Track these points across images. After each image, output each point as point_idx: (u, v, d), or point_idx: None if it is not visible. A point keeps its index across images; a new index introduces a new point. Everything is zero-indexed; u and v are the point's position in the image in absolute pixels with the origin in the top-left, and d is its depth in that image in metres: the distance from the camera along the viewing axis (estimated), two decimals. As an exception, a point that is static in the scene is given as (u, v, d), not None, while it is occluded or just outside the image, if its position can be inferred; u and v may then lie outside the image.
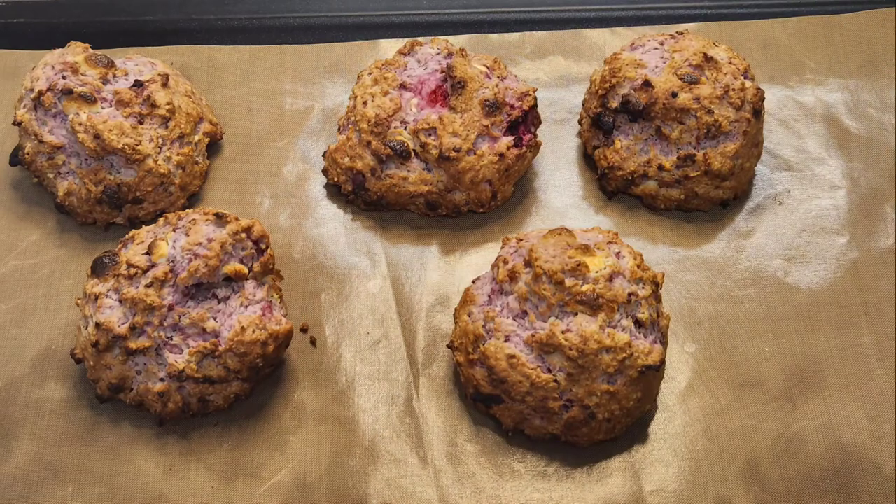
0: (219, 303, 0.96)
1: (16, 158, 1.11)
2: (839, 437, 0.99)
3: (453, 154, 1.07)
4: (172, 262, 0.95)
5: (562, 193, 1.16)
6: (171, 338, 0.94)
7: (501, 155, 1.08)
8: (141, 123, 1.08)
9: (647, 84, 1.09)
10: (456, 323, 1.00)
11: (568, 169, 1.18)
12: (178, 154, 1.10)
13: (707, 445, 0.99)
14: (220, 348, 0.94)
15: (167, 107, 1.09)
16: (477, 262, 1.11)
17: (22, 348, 1.04)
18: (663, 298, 1.05)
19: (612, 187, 1.14)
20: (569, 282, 0.92)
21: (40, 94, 1.06)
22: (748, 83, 1.11)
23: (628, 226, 1.13)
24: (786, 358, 1.04)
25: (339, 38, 1.29)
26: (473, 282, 1.02)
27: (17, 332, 1.05)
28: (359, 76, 1.15)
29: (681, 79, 1.09)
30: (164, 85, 1.11)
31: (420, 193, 1.10)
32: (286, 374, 1.03)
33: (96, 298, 0.95)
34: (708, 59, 1.10)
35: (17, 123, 1.09)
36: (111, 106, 1.08)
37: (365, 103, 1.11)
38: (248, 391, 0.98)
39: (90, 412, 1.00)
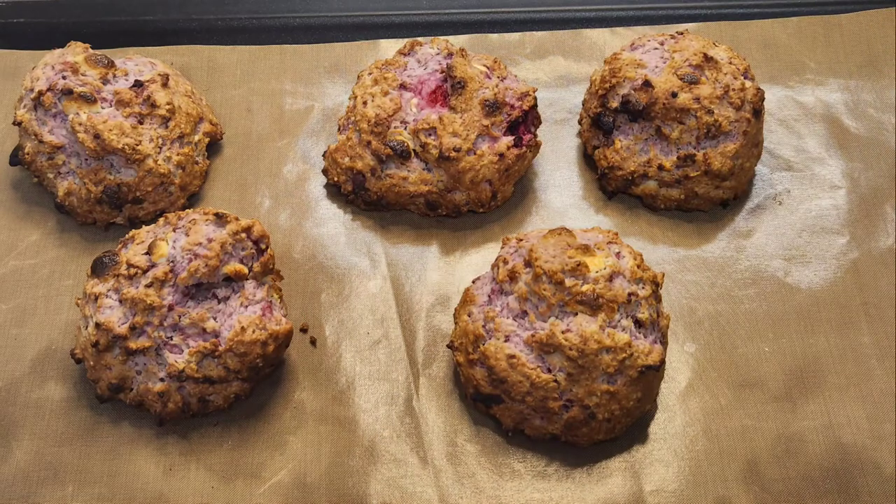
0: (219, 303, 0.96)
1: (16, 158, 1.11)
2: (839, 437, 0.99)
3: (453, 154, 1.07)
4: (172, 262, 0.95)
5: (562, 193, 1.16)
6: (171, 338, 0.94)
7: (501, 155, 1.08)
8: (141, 123, 1.08)
9: (647, 84, 1.09)
10: (456, 323, 1.00)
11: (568, 169, 1.18)
12: (178, 154, 1.10)
13: (707, 445, 0.99)
14: (220, 348, 0.94)
15: (167, 107, 1.09)
16: (477, 262, 1.11)
17: (22, 348, 1.04)
18: (663, 298, 1.05)
19: (612, 187, 1.14)
20: (569, 282, 0.92)
21: (40, 94, 1.06)
22: (748, 83, 1.11)
23: (628, 226, 1.13)
24: (786, 358, 1.04)
25: (339, 38, 1.29)
26: (473, 282, 1.02)
27: (17, 332, 1.05)
28: (359, 76, 1.15)
29: (681, 79, 1.09)
30: (164, 85, 1.11)
31: (420, 193, 1.10)
32: (286, 374, 1.03)
33: (96, 298, 0.95)
34: (708, 59, 1.10)
35: (18, 123, 1.09)
36: (111, 106, 1.08)
37: (365, 103, 1.11)
38: (248, 391, 0.98)
39: (90, 412, 1.00)
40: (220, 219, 0.97)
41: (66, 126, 1.07)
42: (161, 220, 1.00)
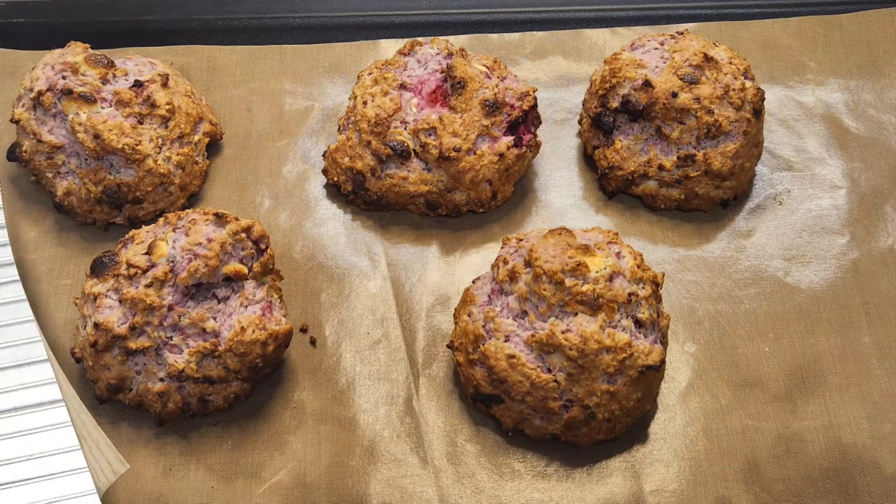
0: (219, 303, 0.96)
1: (13, 154, 1.11)
2: (839, 437, 0.99)
3: (453, 154, 1.07)
4: (172, 262, 0.94)
5: (562, 193, 1.16)
6: (170, 338, 0.94)
7: (501, 155, 1.08)
8: (141, 123, 1.08)
9: (647, 84, 1.09)
10: (456, 323, 1.00)
11: (568, 169, 1.18)
12: (177, 154, 1.10)
13: (707, 445, 0.99)
14: (220, 348, 0.94)
15: (167, 107, 1.09)
16: (477, 262, 1.11)
17: (22, 348, 1.04)
18: (663, 298, 1.05)
19: (612, 187, 1.14)
20: (569, 282, 0.92)
21: (40, 94, 1.06)
22: (748, 83, 1.11)
23: (628, 226, 1.13)
24: (786, 358, 1.04)
25: (339, 38, 1.29)
26: (473, 282, 1.02)
27: (16, 332, 1.05)
28: (359, 76, 1.15)
29: (681, 79, 1.09)
30: (164, 85, 1.11)
31: (420, 193, 1.10)
32: (286, 374, 1.03)
33: (95, 298, 0.95)
34: (708, 59, 1.10)
35: (15, 122, 1.08)
36: (111, 106, 1.08)
37: (365, 103, 1.11)
38: (248, 391, 0.98)
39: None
40: (220, 219, 0.97)
41: (66, 126, 1.06)
42: (161, 220, 1.00)
